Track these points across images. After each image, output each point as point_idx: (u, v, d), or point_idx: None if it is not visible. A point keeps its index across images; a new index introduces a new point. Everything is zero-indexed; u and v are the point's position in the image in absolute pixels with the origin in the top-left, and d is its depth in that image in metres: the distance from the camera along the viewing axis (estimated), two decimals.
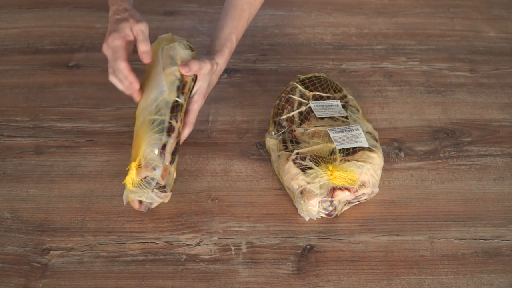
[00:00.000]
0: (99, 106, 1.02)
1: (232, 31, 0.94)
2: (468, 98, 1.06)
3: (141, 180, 0.78)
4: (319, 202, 0.80)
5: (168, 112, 0.82)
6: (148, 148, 0.79)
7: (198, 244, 0.80)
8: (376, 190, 0.84)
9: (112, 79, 0.84)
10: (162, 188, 0.80)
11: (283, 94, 0.96)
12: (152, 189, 0.79)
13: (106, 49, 0.84)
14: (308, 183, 0.81)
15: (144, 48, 0.84)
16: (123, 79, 0.84)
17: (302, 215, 0.82)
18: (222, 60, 0.92)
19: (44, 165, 0.91)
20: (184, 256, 0.78)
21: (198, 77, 0.88)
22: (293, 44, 1.19)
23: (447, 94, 1.07)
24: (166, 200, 0.81)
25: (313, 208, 0.80)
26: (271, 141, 0.90)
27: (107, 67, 0.84)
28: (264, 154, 0.93)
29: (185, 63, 0.85)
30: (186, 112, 0.88)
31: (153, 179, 0.79)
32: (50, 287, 0.74)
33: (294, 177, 0.82)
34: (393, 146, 0.95)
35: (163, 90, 0.83)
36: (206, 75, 0.88)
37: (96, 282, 0.75)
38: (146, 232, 0.81)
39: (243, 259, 0.78)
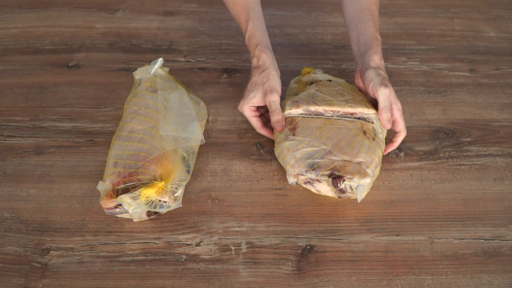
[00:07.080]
0: (99, 106, 1.02)
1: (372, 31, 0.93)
2: (468, 98, 1.06)
3: (157, 199, 0.78)
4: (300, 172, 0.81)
5: (193, 160, 0.87)
6: (177, 180, 0.80)
7: (198, 244, 0.80)
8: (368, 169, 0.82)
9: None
10: (155, 214, 0.81)
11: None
12: (152, 211, 0.80)
13: (240, 110, 0.93)
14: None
15: (276, 118, 0.87)
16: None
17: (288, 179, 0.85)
18: (375, 60, 0.90)
19: (44, 165, 0.91)
20: (184, 256, 0.78)
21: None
22: (293, 44, 1.19)
23: (447, 94, 1.07)
24: (135, 220, 0.81)
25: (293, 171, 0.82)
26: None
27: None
28: (264, 154, 0.93)
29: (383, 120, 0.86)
30: (395, 122, 0.88)
31: (168, 206, 0.80)
32: (50, 287, 0.74)
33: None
34: None
35: (201, 139, 0.89)
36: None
37: (96, 282, 0.75)
38: (146, 232, 0.81)
39: (243, 259, 0.78)
